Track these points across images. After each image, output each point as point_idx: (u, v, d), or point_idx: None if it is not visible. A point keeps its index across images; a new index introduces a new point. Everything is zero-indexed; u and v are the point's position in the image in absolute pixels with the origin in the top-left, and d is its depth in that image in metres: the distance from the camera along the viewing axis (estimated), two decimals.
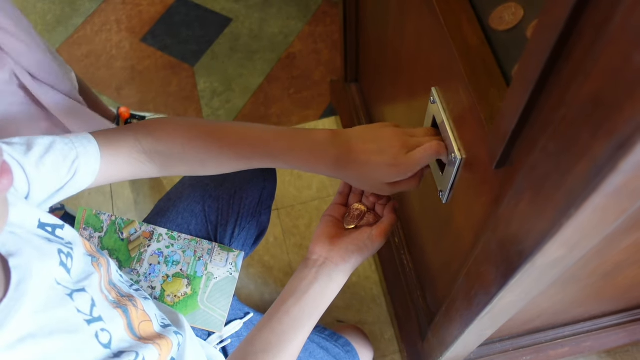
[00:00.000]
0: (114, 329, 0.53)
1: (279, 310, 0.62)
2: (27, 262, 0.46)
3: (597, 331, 1.01)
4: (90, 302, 0.52)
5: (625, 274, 0.67)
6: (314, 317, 0.63)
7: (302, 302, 0.62)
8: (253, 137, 0.62)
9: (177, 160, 0.64)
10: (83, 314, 0.50)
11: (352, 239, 0.64)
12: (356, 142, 0.60)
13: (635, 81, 0.24)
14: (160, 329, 0.62)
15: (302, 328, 0.62)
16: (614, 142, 0.26)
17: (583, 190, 0.30)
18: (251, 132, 0.63)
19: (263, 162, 0.63)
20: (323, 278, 0.63)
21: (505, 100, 0.40)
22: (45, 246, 0.51)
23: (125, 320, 0.56)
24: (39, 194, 0.56)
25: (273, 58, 1.60)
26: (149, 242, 0.82)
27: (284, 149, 0.61)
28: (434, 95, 0.60)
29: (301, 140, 0.61)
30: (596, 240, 0.37)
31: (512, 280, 0.45)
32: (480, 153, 0.51)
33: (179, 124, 0.64)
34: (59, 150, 0.57)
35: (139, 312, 0.60)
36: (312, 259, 0.65)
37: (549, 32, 0.30)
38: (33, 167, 0.54)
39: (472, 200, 0.58)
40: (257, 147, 0.62)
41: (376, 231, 0.64)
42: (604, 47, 0.26)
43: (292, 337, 0.61)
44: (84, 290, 0.52)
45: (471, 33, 0.50)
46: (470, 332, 0.68)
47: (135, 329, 0.57)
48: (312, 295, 0.62)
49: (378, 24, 0.91)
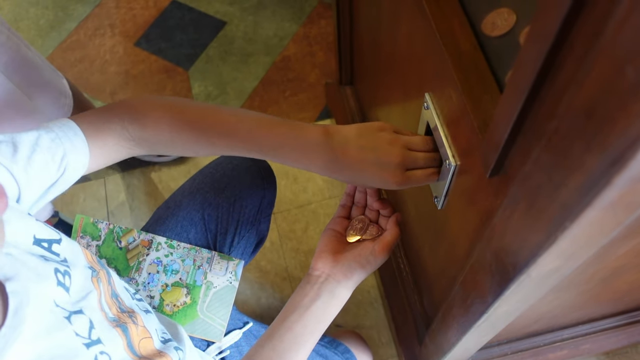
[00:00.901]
0: (113, 350, 0.52)
1: (280, 326, 0.61)
2: (24, 287, 0.45)
3: (595, 334, 1.00)
4: (88, 324, 0.50)
5: (624, 278, 0.67)
6: (315, 333, 0.62)
7: (304, 319, 0.61)
8: (243, 130, 0.60)
9: (165, 146, 0.62)
10: (81, 337, 0.49)
11: (354, 255, 0.63)
12: (352, 147, 0.58)
13: (629, 95, 0.23)
14: (161, 345, 0.61)
15: (303, 345, 0.61)
16: (608, 156, 0.25)
17: (577, 203, 0.29)
18: (242, 125, 0.60)
19: (252, 155, 0.61)
20: (325, 294, 0.62)
21: (498, 108, 0.39)
22: (41, 267, 0.49)
23: (124, 340, 0.55)
24: (30, 196, 0.54)
25: (268, 61, 1.59)
26: (148, 251, 0.81)
27: (275, 147, 0.59)
28: (427, 101, 0.59)
29: (292, 138, 0.59)
30: (592, 251, 0.36)
31: (508, 290, 0.44)
32: (474, 160, 0.50)
33: (166, 109, 0.61)
34: (45, 147, 0.54)
35: (139, 328, 0.58)
36: (314, 274, 0.64)
37: (541, 42, 0.30)
38: (22, 171, 0.52)
39: (467, 208, 0.57)
40: (247, 142, 0.60)
41: (379, 246, 0.63)
42: (596, 59, 0.25)
43: (294, 355, 0.60)
44: (81, 312, 0.50)
45: (463, 39, 0.50)
46: (467, 338, 0.67)
47: (135, 348, 0.56)
48: (314, 311, 0.61)
49: (371, 27, 0.91)
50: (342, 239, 0.66)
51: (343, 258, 0.63)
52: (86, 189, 1.42)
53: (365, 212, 0.68)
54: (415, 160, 0.58)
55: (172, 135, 0.61)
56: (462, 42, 0.50)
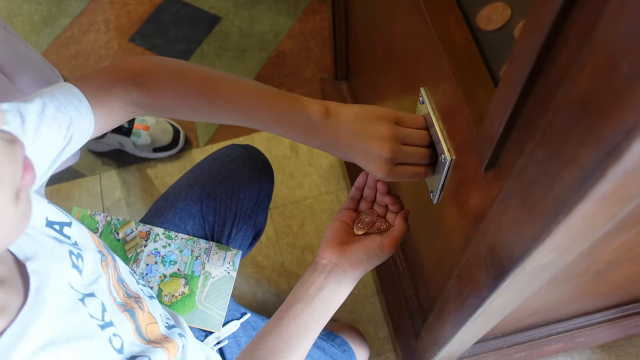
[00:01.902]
0: (124, 334, 0.53)
1: (286, 315, 0.61)
2: (44, 266, 0.45)
3: (590, 327, 1.01)
4: (100, 306, 0.51)
5: (617, 271, 0.67)
6: (320, 322, 0.62)
7: (310, 308, 0.61)
8: (246, 103, 0.60)
9: (168, 112, 0.62)
10: (96, 319, 0.49)
11: (362, 247, 0.64)
12: (346, 132, 0.58)
13: (623, 88, 0.23)
14: (166, 330, 0.62)
15: (308, 334, 0.61)
16: (602, 149, 0.25)
17: (571, 196, 0.29)
18: (245, 97, 0.60)
19: (254, 126, 0.61)
20: (332, 284, 0.62)
21: (493, 102, 0.39)
22: (57, 248, 0.49)
23: (133, 324, 0.55)
24: (39, 168, 0.53)
25: (263, 56, 1.58)
26: (146, 242, 0.82)
27: (276, 122, 0.59)
28: (422, 95, 0.59)
29: (293, 115, 0.59)
30: (586, 244, 0.36)
31: (503, 284, 0.44)
32: (469, 155, 0.50)
33: (170, 75, 0.61)
34: (51, 117, 0.53)
35: (145, 314, 0.59)
36: (321, 263, 0.64)
37: (535, 35, 0.30)
38: (31, 143, 0.51)
39: (463, 202, 0.57)
40: (249, 114, 0.60)
41: (387, 240, 0.63)
42: (590, 52, 0.25)
43: (299, 343, 0.61)
44: (93, 295, 0.51)
45: (458, 33, 0.50)
46: (463, 332, 0.67)
47: (143, 332, 0.57)
48: (320, 300, 0.62)
49: (367, 22, 0.91)
50: (350, 231, 0.67)
51: (351, 249, 0.64)
52: (82, 185, 1.42)
53: (374, 207, 0.69)
54: (405, 156, 0.58)
55: (175, 103, 0.61)
56: (457, 37, 0.50)
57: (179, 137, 1.41)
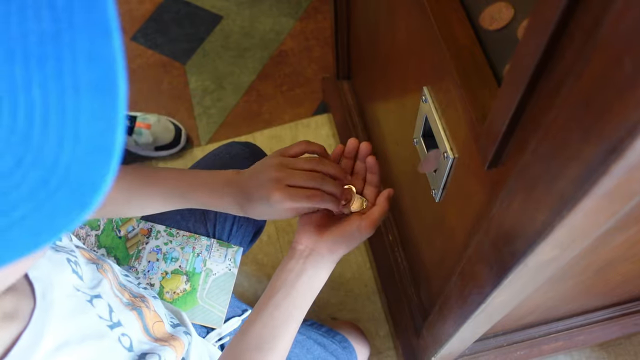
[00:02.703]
0: (132, 332, 0.54)
1: (268, 303, 0.62)
2: (46, 274, 0.47)
3: (590, 325, 1.02)
4: (107, 307, 0.52)
5: (618, 270, 0.68)
6: (303, 308, 0.63)
7: (292, 295, 0.62)
8: (160, 178, 0.65)
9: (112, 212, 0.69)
10: (104, 319, 0.51)
11: (340, 230, 0.63)
12: (245, 181, 0.63)
13: (626, 85, 0.24)
14: (171, 329, 0.63)
15: (292, 320, 0.62)
16: (605, 146, 0.26)
17: (575, 193, 0.30)
18: (159, 174, 0.66)
19: (176, 201, 0.66)
20: (310, 269, 0.62)
21: (497, 100, 0.39)
22: (55, 256, 0.51)
23: (140, 322, 0.57)
24: None
25: (264, 55, 1.59)
26: (147, 239, 0.82)
27: (188, 189, 0.64)
28: (425, 94, 0.59)
29: (207, 177, 0.65)
30: (588, 240, 0.37)
31: (506, 280, 0.45)
32: (472, 153, 0.51)
33: None
34: None
35: (151, 312, 0.60)
36: (298, 249, 0.63)
37: (539, 34, 0.30)
38: None
39: (465, 200, 0.58)
40: (164, 187, 0.65)
41: (366, 222, 0.62)
42: (594, 50, 0.26)
43: (284, 330, 0.61)
44: (100, 297, 0.53)
45: (462, 32, 0.50)
46: (464, 330, 0.68)
47: (150, 330, 0.58)
48: (300, 287, 0.62)
49: (369, 21, 0.91)
50: (325, 213, 0.65)
51: (328, 232, 0.63)
52: None
53: (352, 180, 0.66)
54: (292, 175, 0.60)
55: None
56: (460, 36, 0.51)
57: (180, 136, 1.41)
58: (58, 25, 0.20)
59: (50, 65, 0.20)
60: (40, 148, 0.20)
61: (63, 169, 0.21)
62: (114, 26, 0.21)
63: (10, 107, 0.20)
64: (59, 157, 0.21)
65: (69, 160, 0.21)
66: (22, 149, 0.20)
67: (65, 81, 0.20)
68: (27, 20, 0.20)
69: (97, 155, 0.21)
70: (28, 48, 0.20)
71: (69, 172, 0.21)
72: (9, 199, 0.20)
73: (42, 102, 0.20)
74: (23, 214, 0.20)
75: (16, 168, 0.20)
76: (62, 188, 0.21)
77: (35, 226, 0.21)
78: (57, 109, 0.20)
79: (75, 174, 0.21)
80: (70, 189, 0.21)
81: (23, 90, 0.20)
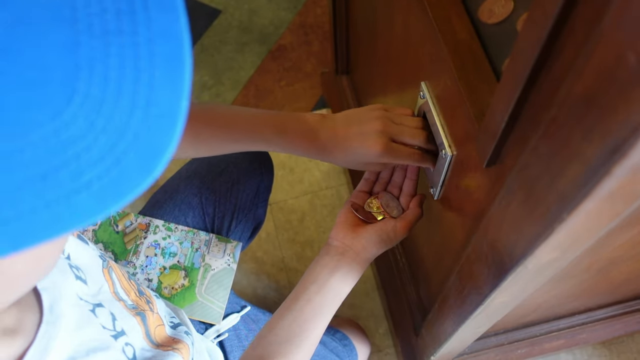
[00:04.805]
0: (135, 340, 0.52)
1: (300, 298, 0.61)
2: (53, 282, 0.45)
3: (592, 323, 1.00)
4: (110, 316, 0.51)
5: (620, 269, 0.67)
6: (334, 305, 0.62)
7: (324, 291, 0.61)
8: (244, 120, 0.62)
9: None
10: (108, 329, 0.49)
11: (376, 229, 0.63)
12: (341, 126, 0.61)
13: (630, 81, 0.22)
14: (171, 330, 0.62)
15: (323, 316, 0.61)
16: (608, 145, 0.25)
17: (575, 194, 0.28)
18: (242, 116, 0.62)
19: (255, 145, 0.62)
20: (344, 267, 0.62)
21: (495, 96, 0.38)
22: (59, 262, 0.49)
23: (143, 328, 0.55)
24: None
25: (263, 50, 1.57)
26: (145, 234, 0.82)
27: (275, 133, 0.61)
28: (423, 90, 0.58)
29: (292, 124, 0.61)
30: (589, 242, 0.36)
31: (505, 282, 0.44)
32: (471, 150, 0.50)
33: None
34: None
35: (154, 316, 0.59)
36: (333, 245, 0.63)
37: (539, 28, 0.29)
38: None
39: (464, 198, 0.56)
40: (249, 131, 0.61)
41: (401, 224, 0.63)
42: (596, 45, 0.24)
43: (314, 326, 0.61)
44: (102, 305, 0.51)
45: (460, 26, 0.49)
46: (464, 329, 0.67)
47: (152, 336, 0.56)
48: (333, 283, 0.61)
49: (367, 16, 0.89)
50: (364, 214, 0.66)
51: (364, 231, 0.63)
52: None
53: (388, 189, 0.68)
54: (400, 131, 0.59)
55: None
56: (459, 30, 0.49)
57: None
58: (133, 5, 0.22)
59: (127, 39, 0.22)
60: (111, 114, 0.22)
61: (132, 134, 0.22)
62: (181, 6, 0.23)
63: (88, 76, 0.22)
64: (129, 122, 0.22)
65: (138, 126, 0.22)
66: (95, 114, 0.22)
67: (141, 53, 0.22)
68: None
69: (165, 121, 0.22)
70: (107, 23, 0.22)
71: (137, 137, 0.22)
72: (80, 162, 0.21)
73: (117, 71, 0.22)
74: (91, 178, 0.21)
75: (88, 132, 0.22)
76: (129, 153, 0.22)
77: (103, 191, 0.22)
78: (131, 78, 0.22)
79: (143, 139, 0.22)
80: (137, 154, 0.22)
81: (100, 60, 0.22)
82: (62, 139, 0.21)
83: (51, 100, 0.21)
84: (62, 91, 0.21)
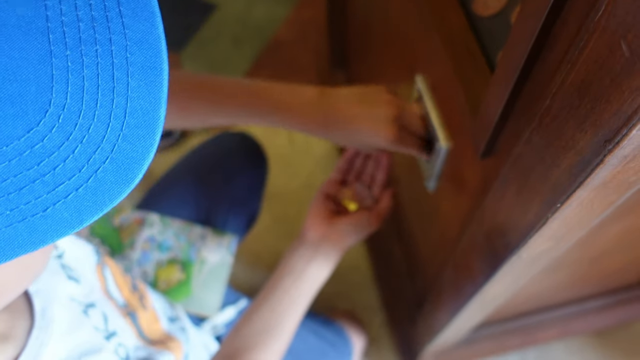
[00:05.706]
0: (127, 340, 0.52)
1: (277, 288, 0.61)
2: (44, 285, 0.44)
3: (584, 313, 1.02)
4: (102, 316, 0.50)
5: (612, 259, 0.67)
6: (310, 295, 0.62)
7: (301, 281, 0.61)
8: (243, 94, 0.59)
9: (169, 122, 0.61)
10: (100, 330, 0.49)
11: (351, 220, 0.63)
12: (346, 103, 0.57)
13: (623, 72, 0.23)
14: (168, 325, 0.62)
15: (299, 307, 0.62)
16: (601, 135, 0.25)
17: (569, 184, 0.29)
18: (240, 89, 0.59)
19: (250, 119, 0.60)
20: (320, 257, 0.62)
21: (489, 88, 0.39)
22: (50, 262, 0.48)
23: (134, 328, 0.55)
24: None
25: (259, 45, 1.57)
26: (141, 228, 0.81)
27: (274, 107, 0.58)
28: (418, 82, 0.58)
29: (288, 99, 0.58)
30: (583, 232, 0.36)
31: (499, 272, 0.44)
32: (465, 142, 0.50)
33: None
34: None
35: (148, 312, 0.58)
36: (308, 235, 0.63)
37: (533, 19, 0.29)
38: None
39: (459, 190, 0.57)
40: (243, 105, 0.59)
41: (374, 215, 0.63)
42: (589, 36, 0.25)
43: (291, 316, 0.61)
44: (94, 305, 0.50)
45: (454, 19, 0.49)
46: (459, 319, 0.67)
47: (145, 333, 0.56)
48: (310, 274, 0.61)
49: (363, 9, 0.90)
50: (336, 203, 0.66)
51: (339, 222, 0.63)
52: None
53: (361, 178, 0.67)
54: (411, 120, 0.57)
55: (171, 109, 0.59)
56: (453, 23, 0.49)
57: None
58: (107, 13, 0.22)
59: (102, 48, 0.22)
60: (87, 125, 0.22)
61: (109, 144, 0.22)
62: (157, 14, 0.23)
63: (63, 87, 0.21)
64: (106, 133, 0.22)
65: (115, 137, 0.22)
66: (71, 126, 0.21)
67: (116, 62, 0.22)
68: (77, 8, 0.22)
69: (142, 131, 0.22)
70: (80, 32, 0.22)
71: (115, 147, 0.22)
72: (56, 174, 0.21)
73: (93, 81, 0.22)
74: (68, 190, 0.21)
75: (64, 143, 0.21)
76: (106, 164, 0.22)
77: (80, 202, 0.21)
78: (107, 88, 0.22)
79: (121, 149, 0.22)
80: (115, 164, 0.22)
81: (75, 71, 0.22)
82: (38, 151, 0.21)
83: (26, 113, 0.21)
84: (37, 104, 0.21)
